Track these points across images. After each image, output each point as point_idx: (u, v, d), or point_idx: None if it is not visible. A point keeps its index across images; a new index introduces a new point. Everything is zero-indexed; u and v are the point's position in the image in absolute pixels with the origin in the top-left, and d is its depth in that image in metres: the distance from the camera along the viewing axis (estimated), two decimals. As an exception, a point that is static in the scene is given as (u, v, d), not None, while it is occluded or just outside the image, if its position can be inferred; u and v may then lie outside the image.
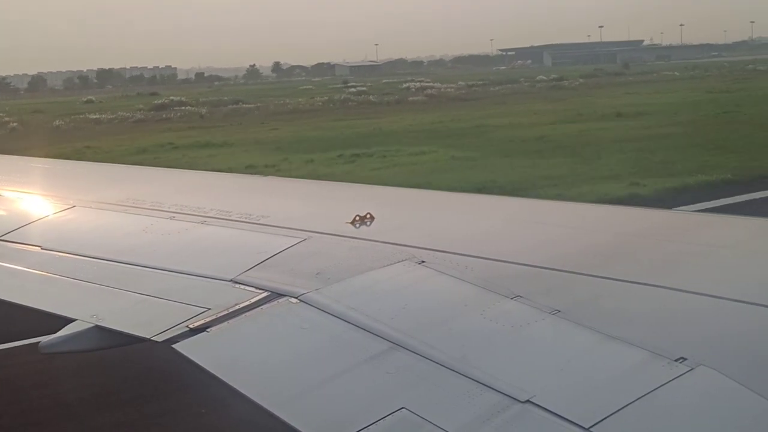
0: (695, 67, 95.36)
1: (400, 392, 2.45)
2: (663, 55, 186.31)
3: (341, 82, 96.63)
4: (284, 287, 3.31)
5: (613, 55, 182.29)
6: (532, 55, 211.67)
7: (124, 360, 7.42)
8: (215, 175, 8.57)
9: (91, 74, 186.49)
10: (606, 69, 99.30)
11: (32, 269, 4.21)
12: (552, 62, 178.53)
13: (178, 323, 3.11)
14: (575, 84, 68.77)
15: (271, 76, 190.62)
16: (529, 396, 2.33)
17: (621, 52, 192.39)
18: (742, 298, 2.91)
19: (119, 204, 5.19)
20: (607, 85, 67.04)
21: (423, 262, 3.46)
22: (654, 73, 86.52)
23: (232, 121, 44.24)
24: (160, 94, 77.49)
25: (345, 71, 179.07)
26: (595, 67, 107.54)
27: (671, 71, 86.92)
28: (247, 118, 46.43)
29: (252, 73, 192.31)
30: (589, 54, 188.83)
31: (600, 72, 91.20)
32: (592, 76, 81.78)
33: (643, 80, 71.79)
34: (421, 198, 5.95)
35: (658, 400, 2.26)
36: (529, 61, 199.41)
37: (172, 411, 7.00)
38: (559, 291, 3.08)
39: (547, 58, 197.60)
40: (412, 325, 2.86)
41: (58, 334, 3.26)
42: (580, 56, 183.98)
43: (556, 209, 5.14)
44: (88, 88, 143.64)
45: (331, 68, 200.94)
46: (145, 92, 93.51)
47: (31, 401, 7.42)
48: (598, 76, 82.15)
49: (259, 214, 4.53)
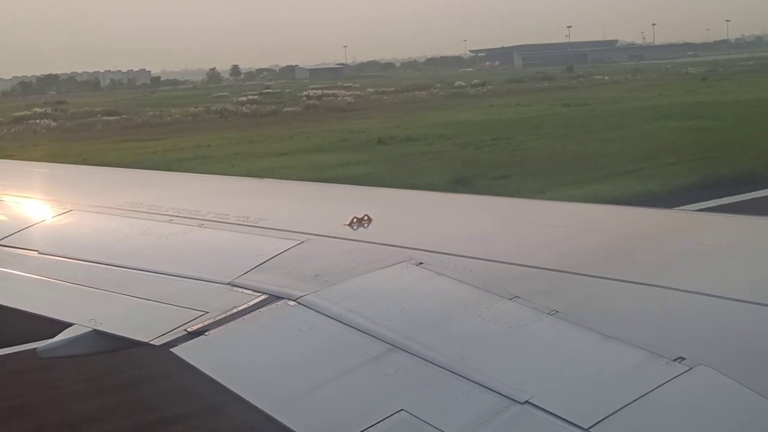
0: (637, 70, 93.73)
1: (399, 394, 2.45)
2: (635, 56, 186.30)
3: (263, 88, 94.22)
4: (282, 290, 3.31)
5: (584, 56, 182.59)
6: (502, 55, 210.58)
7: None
8: (212, 178, 8.58)
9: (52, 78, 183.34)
10: (549, 71, 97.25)
11: (30, 274, 4.20)
12: (522, 63, 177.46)
13: (176, 327, 3.11)
14: (483, 91, 66.00)
15: (242, 78, 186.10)
16: (528, 397, 2.32)
17: (592, 52, 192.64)
18: (740, 297, 2.91)
19: (116, 208, 5.18)
20: (506, 93, 63.46)
21: (421, 264, 3.46)
22: (596, 76, 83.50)
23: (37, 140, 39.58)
24: (67, 102, 74.04)
25: (305, 74, 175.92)
26: (537, 71, 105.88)
27: (610, 74, 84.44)
28: (72, 134, 42.35)
29: (213, 76, 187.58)
30: (560, 54, 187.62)
31: (541, 74, 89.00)
32: (519, 81, 78.56)
33: (560, 86, 69.16)
34: (419, 199, 5.94)
35: (657, 399, 2.26)
36: (497, 62, 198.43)
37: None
38: (557, 291, 3.08)
39: (518, 58, 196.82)
40: (410, 326, 2.85)
41: (56, 338, 3.26)
42: (550, 57, 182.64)
43: (554, 210, 5.14)
44: (28, 94, 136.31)
45: (291, 71, 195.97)
46: (70, 98, 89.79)
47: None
48: (524, 81, 78.53)
49: (256, 217, 4.53)
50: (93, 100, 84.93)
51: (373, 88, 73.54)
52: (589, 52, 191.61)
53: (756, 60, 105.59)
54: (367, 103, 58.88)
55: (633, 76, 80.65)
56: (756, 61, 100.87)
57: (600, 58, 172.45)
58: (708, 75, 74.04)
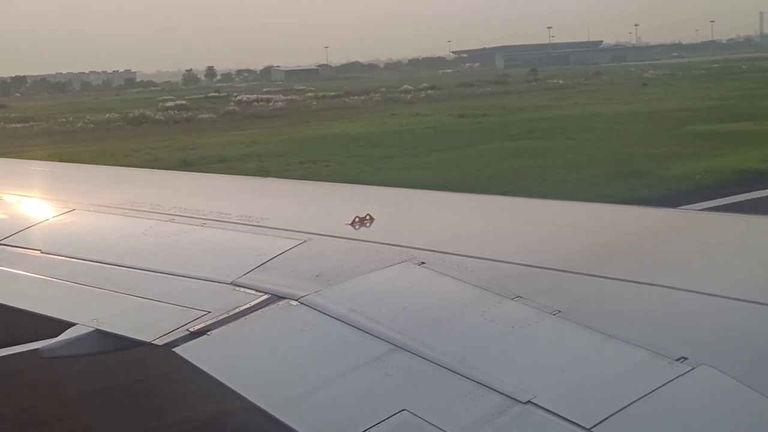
0: (596, 73, 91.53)
1: (401, 394, 2.45)
2: (618, 57, 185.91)
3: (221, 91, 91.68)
4: (284, 289, 3.31)
5: (566, 57, 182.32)
6: (484, 56, 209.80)
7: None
8: (214, 177, 8.59)
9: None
10: (512, 75, 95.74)
11: (32, 273, 4.21)
12: (504, 64, 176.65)
13: (179, 326, 3.11)
14: (421, 96, 62.79)
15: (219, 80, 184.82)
16: (530, 397, 2.32)
17: (574, 53, 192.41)
18: (743, 296, 2.91)
19: (119, 207, 5.18)
20: (443, 98, 59.85)
21: (423, 263, 3.46)
22: (551, 80, 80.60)
23: None
24: (7, 107, 73.13)
25: (281, 76, 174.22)
26: (499, 74, 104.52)
27: (570, 78, 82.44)
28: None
29: (188, 78, 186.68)
30: (542, 55, 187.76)
31: (503, 77, 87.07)
32: (470, 85, 76.05)
33: (504, 91, 66.21)
34: (421, 199, 5.94)
35: (660, 399, 2.26)
36: (477, 63, 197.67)
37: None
38: (559, 291, 3.08)
39: (499, 59, 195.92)
40: (412, 326, 2.85)
41: (58, 338, 3.26)
42: (532, 58, 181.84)
43: (557, 209, 5.13)
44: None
45: (269, 72, 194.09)
46: (20, 101, 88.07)
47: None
48: (474, 85, 75.74)
49: (258, 216, 4.53)
50: (38, 104, 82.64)
51: (313, 93, 71.75)
52: (571, 53, 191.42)
53: (721, 63, 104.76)
54: (292, 109, 56.00)
55: (586, 80, 78.20)
56: (721, 64, 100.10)
57: (582, 59, 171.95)
58: (656, 80, 72.47)
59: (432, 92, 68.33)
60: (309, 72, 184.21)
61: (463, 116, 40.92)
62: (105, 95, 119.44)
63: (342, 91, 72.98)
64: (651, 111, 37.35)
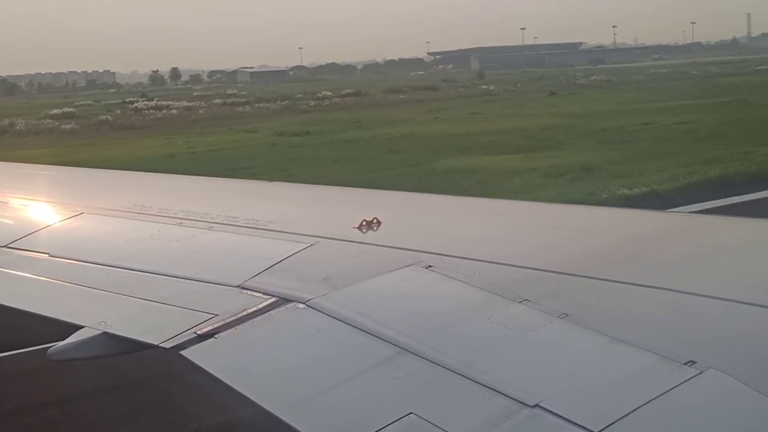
0: (542, 77, 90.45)
1: (408, 397, 2.45)
2: (595, 59, 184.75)
3: (138, 96, 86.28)
4: (292, 293, 3.31)
5: (542, 59, 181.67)
6: (460, 58, 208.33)
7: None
8: (222, 181, 8.59)
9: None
10: (458, 78, 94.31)
11: (40, 276, 4.22)
12: (479, 66, 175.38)
13: (186, 329, 3.11)
14: (325, 105, 61.09)
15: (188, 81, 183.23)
16: (538, 400, 2.32)
17: (550, 55, 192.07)
18: (752, 300, 2.90)
19: (126, 211, 5.20)
20: (340, 108, 57.90)
21: (430, 267, 3.45)
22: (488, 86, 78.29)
23: None
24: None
25: (247, 78, 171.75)
26: (443, 77, 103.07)
27: (521, 83, 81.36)
28: None
29: (155, 79, 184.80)
30: (518, 57, 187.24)
31: (447, 82, 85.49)
32: (397, 92, 71.66)
33: (429, 99, 62.91)
34: (428, 202, 5.93)
35: (668, 403, 2.25)
36: (450, 65, 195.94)
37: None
38: (566, 295, 3.07)
39: (475, 61, 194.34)
40: (419, 329, 2.85)
41: (66, 341, 3.26)
42: (508, 59, 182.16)
43: (564, 212, 5.13)
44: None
45: (238, 74, 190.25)
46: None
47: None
48: (404, 92, 71.59)
49: (266, 220, 4.53)
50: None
51: (220, 99, 69.47)
52: (547, 55, 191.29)
53: (671, 67, 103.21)
54: (175, 119, 53.80)
55: (513, 87, 75.85)
56: (670, 69, 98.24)
57: (558, 61, 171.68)
58: (588, 86, 70.95)
59: (338, 100, 65.24)
60: (277, 74, 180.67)
61: (281, 134, 38.58)
62: (54, 98, 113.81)
63: (254, 97, 70.79)
64: (461, 133, 34.21)
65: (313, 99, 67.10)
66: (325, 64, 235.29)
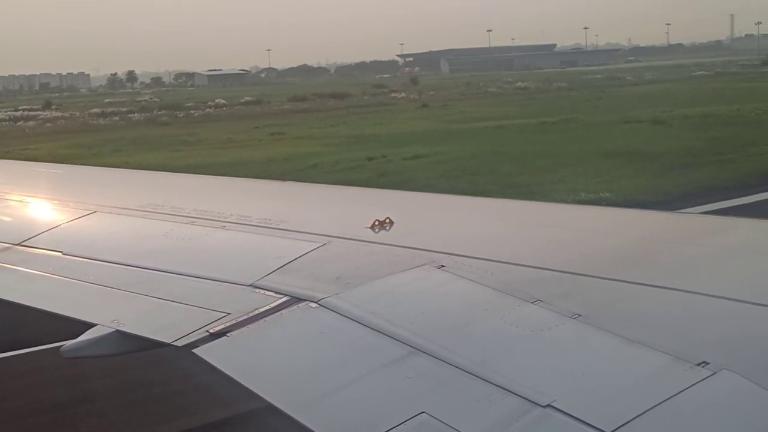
0: (468, 83, 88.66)
1: (420, 397, 2.45)
2: (567, 61, 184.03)
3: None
4: (304, 292, 3.31)
5: (510, 61, 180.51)
6: (430, 61, 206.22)
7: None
8: (234, 180, 8.62)
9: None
10: (392, 82, 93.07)
11: (54, 274, 4.24)
12: (449, 68, 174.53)
13: (199, 328, 3.12)
14: (225, 113, 59.46)
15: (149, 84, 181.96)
16: (550, 400, 2.31)
17: (520, 57, 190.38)
18: (765, 301, 2.88)
19: (139, 209, 5.22)
20: (241, 117, 56.12)
21: (443, 267, 3.45)
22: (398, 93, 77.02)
23: None
24: None
25: (204, 80, 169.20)
26: (393, 78, 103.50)
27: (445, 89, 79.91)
28: None
29: (113, 82, 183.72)
30: (487, 59, 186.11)
31: (378, 87, 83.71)
32: (302, 99, 69.84)
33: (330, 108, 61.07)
34: (440, 202, 5.93)
35: (680, 404, 2.24)
36: (416, 68, 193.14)
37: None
38: (579, 295, 3.06)
39: (444, 64, 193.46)
40: (432, 329, 2.85)
41: (79, 338, 3.28)
42: (478, 62, 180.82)
43: (575, 213, 5.12)
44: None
45: (195, 77, 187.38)
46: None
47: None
48: (307, 99, 69.85)
49: (278, 219, 4.54)
50: None
51: (99, 109, 67.37)
52: (516, 58, 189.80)
53: (621, 72, 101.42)
54: (18, 130, 50.77)
55: (417, 96, 72.15)
56: (607, 75, 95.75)
57: (527, 64, 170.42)
58: (500, 95, 69.05)
59: (226, 110, 62.83)
60: (235, 77, 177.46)
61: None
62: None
63: (157, 105, 69.01)
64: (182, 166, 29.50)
65: (206, 107, 64.98)
66: (296, 66, 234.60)
